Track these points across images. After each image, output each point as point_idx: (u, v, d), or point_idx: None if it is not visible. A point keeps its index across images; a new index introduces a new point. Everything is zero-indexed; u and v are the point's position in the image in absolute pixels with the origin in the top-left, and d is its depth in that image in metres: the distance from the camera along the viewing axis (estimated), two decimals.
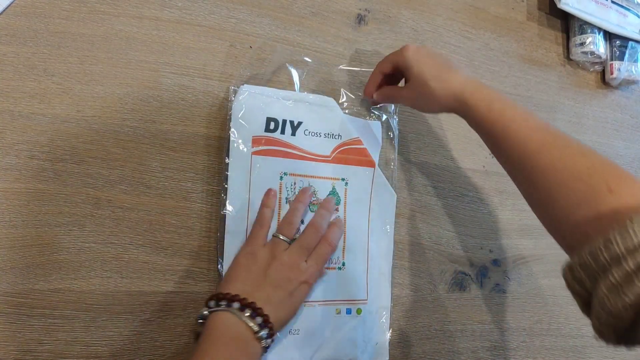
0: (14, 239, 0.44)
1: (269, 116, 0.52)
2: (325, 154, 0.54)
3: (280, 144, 0.52)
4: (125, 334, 0.46)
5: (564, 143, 0.39)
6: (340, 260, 0.53)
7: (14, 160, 0.45)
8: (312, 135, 0.54)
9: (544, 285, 0.67)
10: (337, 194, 0.54)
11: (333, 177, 0.54)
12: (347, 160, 0.56)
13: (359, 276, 0.54)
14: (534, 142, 0.40)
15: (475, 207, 0.65)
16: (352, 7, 0.63)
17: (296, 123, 0.53)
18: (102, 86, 0.49)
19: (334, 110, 0.56)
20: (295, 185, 0.52)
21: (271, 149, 0.52)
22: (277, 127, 0.52)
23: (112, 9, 0.51)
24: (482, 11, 0.73)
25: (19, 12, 0.47)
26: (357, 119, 0.58)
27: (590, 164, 0.36)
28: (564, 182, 0.36)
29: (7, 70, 0.46)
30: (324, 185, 0.54)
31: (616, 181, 0.34)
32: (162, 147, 0.50)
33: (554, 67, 0.77)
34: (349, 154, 0.56)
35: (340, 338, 0.52)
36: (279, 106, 0.53)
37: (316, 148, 0.54)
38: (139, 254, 0.47)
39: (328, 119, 0.55)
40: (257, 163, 0.51)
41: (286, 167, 0.52)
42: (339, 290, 0.52)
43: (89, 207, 0.46)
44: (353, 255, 0.54)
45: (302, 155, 0.53)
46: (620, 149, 0.80)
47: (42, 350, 0.43)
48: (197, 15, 0.54)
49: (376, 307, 0.55)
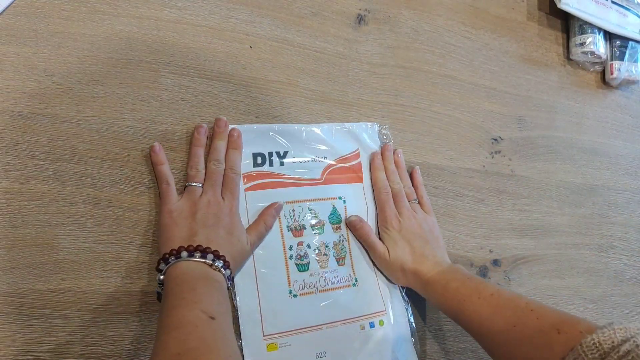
0: (14, 239, 0.44)
1: (255, 152, 0.53)
2: (316, 177, 0.55)
3: (270, 175, 0.53)
4: (125, 334, 0.46)
5: (514, 304, 0.45)
6: (352, 277, 0.54)
7: (14, 160, 0.45)
8: (300, 162, 0.55)
9: (544, 285, 0.67)
10: (337, 213, 0.55)
11: (331, 197, 0.55)
12: (339, 180, 0.56)
13: (373, 288, 0.55)
14: (488, 307, 0.46)
15: (475, 207, 0.65)
16: (352, 7, 0.63)
17: (282, 153, 0.54)
18: (102, 86, 0.49)
19: (321, 129, 0.57)
20: (294, 212, 0.53)
21: (263, 182, 0.52)
22: (265, 161, 0.53)
23: (112, 9, 0.51)
24: (482, 11, 0.73)
25: (19, 12, 0.47)
26: (351, 124, 0.59)
27: (539, 314, 0.42)
28: (519, 337, 0.42)
29: (7, 70, 0.46)
30: (324, 207, 0.55)
31: (563, 324, 0.40)
32: (162, 147, 0.50)
33: (554, 67, 0.77)
34: (340, 173, 0.57)
35: (367, 352, 0.52)
36: (263, 140, 0.54)
37: (306, 174, 0.55)
38: (139, 254, 0.47)
39: (314, 141, 0.56)
40: (251, 199, 0.51)
41: (282, 197, 0.53)
42: (358, 306, 0.53)
43: (89, 207, 0.46)
44: (363, 270, 0.55)
45: (295, 182, 0.54)
46: (620, 148, 0.80)
47: (42, 350, 0.43)
48: (197, 15, 0.54)
49: (396, 315, 0.55)
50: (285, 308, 0.50)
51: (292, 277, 0.51)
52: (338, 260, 0.54)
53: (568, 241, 0.71)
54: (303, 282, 0.51)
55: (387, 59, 0.64)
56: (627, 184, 0.79)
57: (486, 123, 0.69)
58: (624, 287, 0.74)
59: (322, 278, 0.52)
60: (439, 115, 0.66)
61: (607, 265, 0.73)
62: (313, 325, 0.50)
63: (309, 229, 0.53)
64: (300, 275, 0.51)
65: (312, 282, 0.52)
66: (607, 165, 0.78)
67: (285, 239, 0.52)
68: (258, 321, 0.48)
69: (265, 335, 0.48)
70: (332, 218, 0.55)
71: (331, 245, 0.54)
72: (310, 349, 0.49)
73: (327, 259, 0.53)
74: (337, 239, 0.55)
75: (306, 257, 0.52)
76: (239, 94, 0.55)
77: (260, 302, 0.49)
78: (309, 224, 0.53)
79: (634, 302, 0.74)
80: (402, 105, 0.63)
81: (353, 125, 0.59)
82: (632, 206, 0.78)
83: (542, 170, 0.72)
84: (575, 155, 0.75)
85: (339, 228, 0.55)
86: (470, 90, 0.69)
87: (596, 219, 0.74)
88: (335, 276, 0.53)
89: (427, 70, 0.67)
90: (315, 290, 0.52)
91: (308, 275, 0.52)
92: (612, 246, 0.74)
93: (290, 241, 0.52)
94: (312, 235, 0.53)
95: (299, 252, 0.52)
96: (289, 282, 0.51)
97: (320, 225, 0.54)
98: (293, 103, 0.57)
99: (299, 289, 0.51)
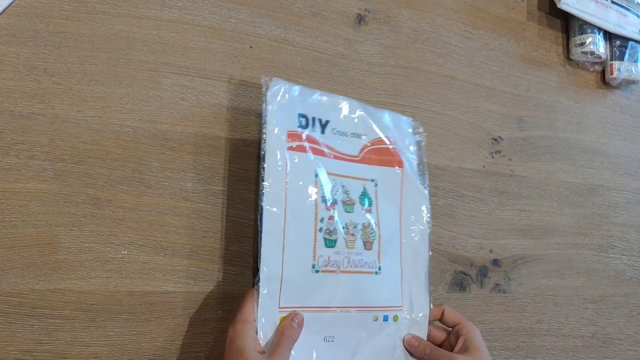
0: (13, 239, 0.44)
1: (300, 112, 0.50)
2: (353, 153, 0.53)
3: (312, 140, 0.50)
4: (125, 334, 0.46)
5: None
6: (377, 264, 0.51)
7: (14, 160, 0.45)
8: (339, 134, 0.52)
9: (544, 285, 0.67)
10: (368, 195, 0.52)
11: (363, 178, 0.52)
12: (375, 161, 0.54)
13: (395, 281, 0.52)
14: None
15: (475, 207, 0.65)
16: (352, 7, 0.63)
17: (324, 121, 0.51)
18: (102, 86, 0.49)
19: (362, 109, 0.54)
20: (330, 184, 0.50)
21: (305, 145, 0.49)
22: (308, 124, 0.50)
23: (112, 9, 0.51)
24: (482, 11, 0.73)
25: (19, 12, 0.47)
26: (386, 112, 0.56)
27: None
28: None
29: (7, 70, 0.46)
30: (355, 186, 0.51)
31: None
32: (162, 147, 0.50)
33: (554, 67, 0.77)
34: (377, 154, 0.54)
35: (375, 345, 0.50)
36: (308, 103, 0.51)
37: (344, 147, 0.52)
38: (139, 254, 0.47)
39: (355, 118, 0.54)
40: (293, 159, 0.48)
41: (320, 165, 0.49)
42: (376, 296, 0.50)
43: (89, 207, 0.46)
44: (388, 259, 0.52)
45: (333, 154, 0.51)
46: (621, 148, 0.80)
47: (42, 350, 0.43)
48: (197, 15, 0.54)
49: (412, 314, 0.52)
50: (306, 283, 0.47)
51: (318, 252, 0.48)
52: (365, 244, 0.51)
53: (568, 241, 0.71)
54: (327, 259, 0.48)
55: (387, 59, 0.64)
56: (627, 184, 0.79)
57: (486, 123, 0.69)
58: (624, 287, 0.74)
59: (346, 258, 0.49)
60: (439, 115, 0.66)
61: (607, 265, 0.73)
62: (329, 306, 0.48)
63: (340, 204, 0.50)
64: (326, 250, 0.48)
65: (336, 261, 0.49)
66: (607, 165, 0.78)
67: (319, 209, 0.49)
68: (277, 290, 0.46)
69: (281, 307, 0.46)
70: (362, 199, 0.52)
71: (360, 227, 0.51)
72: (320, 330, 0.47)
73: (355, 240, 0.50)
74: (367, 222, 0.51)
75: (335, 233, 0.49)
76: (239, 94, 0.55)
77: (283, 271, 0.46)
78: (340, 200, 0.50)
79: (634, 302, 0.74)
80: (402, 105, 0.63)
81: (391, 114, 0.57)
82: (632, 206, 0.78)
83: (542, 170, 0.72)
84: (575, 155, 0.75)
85: (370, 211, 0.52)
86: (470, 90, 0.69)
87: (596, 219, 0.74)
88: (359, 260, 0.50)
89: (427, 70, 0.67)
90: (337, 269, 0.49)
91: (334, 252, 0.49)
92: (612, 246, 0.74)
93: (322, 213, 0.49)
94: (343, 212, 0.50)
95: (329, 226, 0.49)
96: (314, 256, 0.48)
97: (351, 203, 0.51)
98: None
99: (322, 265, 0.48)
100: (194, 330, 0.48)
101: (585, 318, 0.70)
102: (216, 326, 0.49)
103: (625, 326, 0.72)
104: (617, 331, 0.71)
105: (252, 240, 0.52)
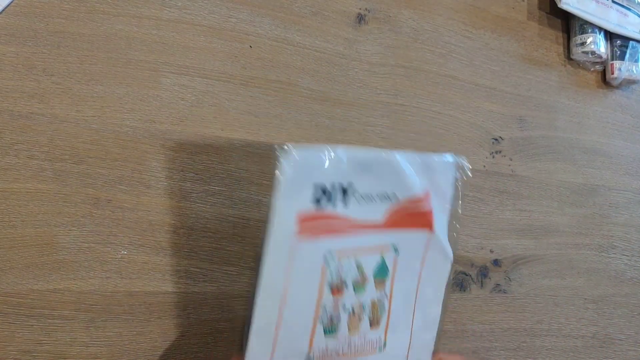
0: (13, 239, 0.44)
1: (316, 181, 0.42)
2: (377, 219, 0.44)
3: (329, 217, 0.42)
4: (125, 335, 0.46)
5: None
6: (382, 340, 0.45)
7: (13, 160, 0.45)
8: (363, 200, 0.43)
9: (544, 286, 0.67)
10: (385, 267, 0.45)
11: (383, 245, 0.45)
12: (402, 223, 0.45)
13: (400, 356, 0.47)
14: None
15: (476, 207, 0.65)
16: (352, 6, 0.63)
17: (345, 184, 0.42)
18: (101, 86, 0.49)
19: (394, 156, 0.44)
20: (342, 266, 0.43)
21: (318, 226, 0.42)
22: (325, 194, 0.42)
23: (112, 8, 0.51)
24: (482, 11, 0.73)
25: (18, 12, 0.47)
26: (422, 155, 0.46)
27: None
28: None
29: (6, 70, 0.46)
30: (371, 260, 0.44)
31: None
32: (162, 147, 0.50)
33: (555, 67, 0.77)
34: (405, 214, 0.45)
35: None
36: (326, 166, 0.42)
37: (368, 214, 0.44)
38: (139, 254, 0.47)
39: (383, 174, 0.44)
40: (300, 247, 0.41)
41: (331, 247, 0.42)
42: None
43: (88, 207, 0.46)
44: (396, 335, 0.46)
45: (352, 226, 0.43)
46: (621, 148, 0.79)
47: (41, 350, 0.43)
48: (197, 15, 0.54)
49: None
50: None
51: (315, 342, 0.43)
52: (371, 323, 0.45)
53: (569, 241, 0.70)
54: (325, 349, 0.43)
55: (387, 58, 0.64)
56: (628, 184, 0.78)
57: (487, 123, 0.69)
58: (625, 287, 0.74)
59: (347, 344, 0.44)
60: (439, 115, 0.65)
61: (607, 265, 0.73)
62: None
63: (350, 286, 0.44)
64: (325, 339, 0.43)
65: (334, 348, 0.43)
66: (608, 165, 0.77)
67: (323, 296, 0.42)
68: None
69: None
70: (378, 272, 0.45)
71: (368, 305, 0.45)
72: None
73: (360, 323, 0.45)
74: (377, 297, 0.45)
75: (337, 319, 0.43)
76: (239, 94, 0.54)
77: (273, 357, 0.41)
78: (351, 281, 0.44)
79: (634, 303, 0.74)
80: (402, 105, 0.63)
81: (425, 157, 0.46)
82: (633, 206, 0.78)
83: (543, 170, 0.72)
84: (576, 155, 0.75)
85: (382, 284, 0.45)
86: (470, 90, 0.69)
87: (597, 219, 0.74)
88: (362, 341, 0.45)
89: (428, 70, 0.66)
90: (334, 355, 0.44)
91: (332, 339, 0.43)
92: (613, 246, 0.74)
93: (326, 300, 0.43)
94: (352, 295, 0.44)
95: (332, 313, 0.43)
96: (310, 347, 0.43)
97: (363, 282, 0.44)
98: (293, 103, 0.57)
99: (318, 356, 0.43)
100: (194, 331, 0.48)
101: (586, 318, 0.69)
102: (216, 326, 0.49)
103: (626, 326, 0.72)
104: (618, 331, 0.71)
105: (251, 241, 0.52)
